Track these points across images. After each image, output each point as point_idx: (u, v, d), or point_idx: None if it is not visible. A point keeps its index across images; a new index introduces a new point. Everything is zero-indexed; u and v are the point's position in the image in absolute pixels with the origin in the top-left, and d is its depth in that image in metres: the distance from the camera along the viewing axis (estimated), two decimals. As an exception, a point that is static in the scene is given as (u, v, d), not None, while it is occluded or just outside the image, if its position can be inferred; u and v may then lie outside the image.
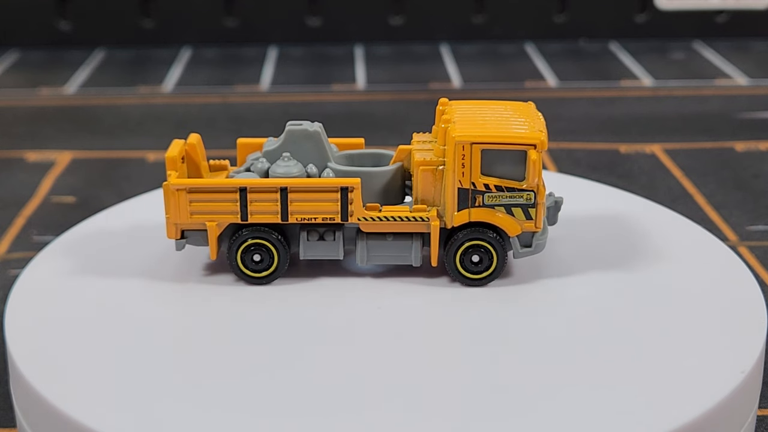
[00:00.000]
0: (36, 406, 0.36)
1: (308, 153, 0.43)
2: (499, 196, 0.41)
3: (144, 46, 1.09)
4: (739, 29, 1.11)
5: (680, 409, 0.34)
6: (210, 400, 0.35)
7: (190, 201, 0.42)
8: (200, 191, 0.41)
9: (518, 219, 0.41)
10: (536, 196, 0.41)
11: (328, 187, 0.41)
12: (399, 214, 0.41)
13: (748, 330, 0.39)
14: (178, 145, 0.44)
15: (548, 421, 0.33)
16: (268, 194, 0.41)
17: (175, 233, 0.42)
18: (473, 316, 0.40)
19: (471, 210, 0.41)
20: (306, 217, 0.41)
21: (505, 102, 0.44)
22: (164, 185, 0.42)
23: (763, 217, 0.67)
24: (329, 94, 0.94)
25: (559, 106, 0.90)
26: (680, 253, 0.45)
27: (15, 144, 0.82)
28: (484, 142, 0.40)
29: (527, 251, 0.42)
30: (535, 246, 0.42)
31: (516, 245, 0.42)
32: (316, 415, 0.34)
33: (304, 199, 0.41)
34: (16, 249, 0.63)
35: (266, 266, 0.42)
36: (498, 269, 0.42)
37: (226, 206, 0.41)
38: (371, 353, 0.37)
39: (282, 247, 0.42)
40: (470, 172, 0.40)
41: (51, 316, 0.40)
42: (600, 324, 0.39)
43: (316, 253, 0.42)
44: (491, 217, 0.41)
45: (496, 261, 0.42)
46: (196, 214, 0.42)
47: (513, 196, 0.41)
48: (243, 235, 0.42)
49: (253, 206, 0.41)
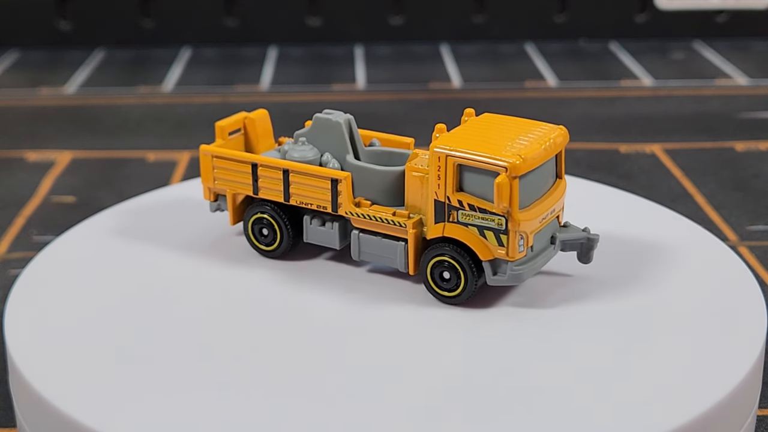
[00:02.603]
0: (36, 406, 0.36)
1: (330, 142, 0.43)
2: (472, 215, 0.39)
3: (144, 46, 1.09)
4: (739, 29, 1.11)
5: (680, 408, 0.34)
6: (210, 400, 0.35)
7: (213, 167, 0.44)
8: (222, 159, 0.44)
9: (490, 243, 0.39)
10: (507, 223, 0.38)
11: (320, 176, 0.42)
12: (381, 215, 0.41)
13: (748, 330, 0.39)
14: (234, 117, 0.46)
15: (548, 420, 0.33)
16: (274, 173, 0.43)
17: (209, 195, 0.45)
18: (460, 312, 0.40)
19: (446, 224, 0.40)
20: (304, 202, 0.43)
21: (536, 123, 0.41)
22: (199, 148, 0.45)
23: (763, 217, 0.67)
24: (329, 94, 0.94)
25: (559, 106, 0.90)
26: (680, 253, 0.45)
27: (15, 144, 0.82)
28: (459, 157, 0.39)
29: (499, 279, 0.39)
30: (508, 275, 0.39)
31: (488, 271, 0.39)
32: (317, 419, 0.34)
33: (302, 183, 0.42)
34: (16, 249, 0.63)
35: (271, 241, 0.44)
36: (466, 291, 0.40)
37: (242, 178, 0.44)
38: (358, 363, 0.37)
39: (284, 226, 0.43)
40: (445, 186, 0.39)
41: (51, 316, 0.40)
42: (599, 324, 0.39)
43: (316, 239, 0.43)
44: (464, 236, 0.39)
45: (463, 282, 0.40)
46: (219, 180, 0.45)
47: (485, 218, 0.39)
48: (253, 208, 0.44)
49: (262, 182, 0.43)
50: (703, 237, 0.47)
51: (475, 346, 0.38)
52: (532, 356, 0.37)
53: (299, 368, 0.36)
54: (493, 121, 0.42)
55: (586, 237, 0.41)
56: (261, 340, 0.38)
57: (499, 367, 0.37)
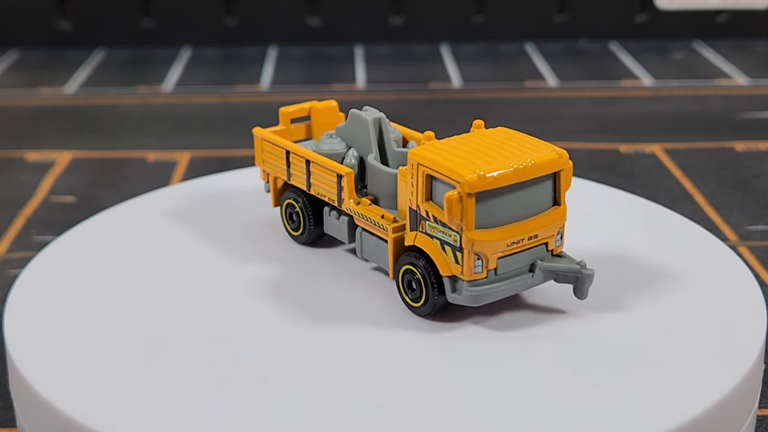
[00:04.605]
0: (36, 406, 0.36)
1: (359, 139, 0.44)
2: (435, 227, 0.38)
3: (144, 46, 1.09)
4: (739, 29, 1.11)
5: (680, 408, 0.34)
6: (210, 401, 0.35)
7: (261, 149, 0.46)
8: (267, 142, 0.45)
9: (449, 259, 0.38)
10: (461, 240, 0.37)
11: (328, 169, 0.42)
12: (371, 215, 0.41)
13: (748, 330, 0.39)
14: (300, 105, 0.47)
15: (548, 420, 0.33)
16: (300, 161, 0.44)
17: (264, 176, 0.47)
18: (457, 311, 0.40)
19: (417, 234, 0.39)
20: (320, 193, 0.43)
21: (538, 143, 0.39)
22: (253, 130, 0.47)
23: (763, 217, 0.67)
24: (329, 94, 0.94)
25: (559, 106, 0.90)
26: (680, 253, 0.45)
27: (15, 144, 0.82)
28: (426, 166, 0.38)
29: (456, 297, 0.38)
30: (464, 295, 0.38)
31: (448, 287, 0.38)
32: (317, 420, 0.34)
33: (318, 174, 0.43)
34: (16, 249, 0.63)
35: (297, 227, 0.45)
36: (427, 304, 0.39)
37: (280, 163, 0.45)
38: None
39: (307, 214, 0.44)
40: (416, 194, 0.38)
41: (51, 316, 0.40)
42: (599, 324, 0.39)
43: (332, 231, 0.44)
44: (430, 248, 0.38)
45: (424, 294, 0.39)
46: (265, 163, 0.46)
47: (445, 232, 0.37)
48: (287, 193, 0.45)
49: (293, 169, 0.44)
50: (703, 237, 0.47)
51: (465, 341, 0.38)
52: (529, 355, 0.37)
53: (302, 373, 0.36)
54: (494, 135, 0.40)
55: (578, 270, 0.38)
56: (262, 340, 0.38)
57: (494, 364, 0.37)
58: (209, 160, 0.77)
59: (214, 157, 0.78)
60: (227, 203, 0.50)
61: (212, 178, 0.54)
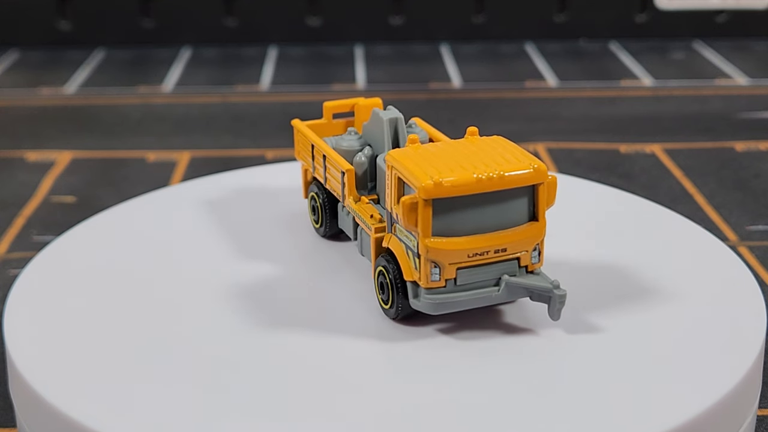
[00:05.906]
0: (36, 406, 0.36)
1: (376, 137, 0.44)
2: (402, 231, 0.37)
3: (144, 46, 1.09)
4: (739, 29, 1.11)
5: (680, 408, 0.34)
6: (211, 402, 0.35)
7: (297, 141, 0.47)
8: (299, 134, 0.46)
9: (412, 264, 0.37)
10: (419, 247, 0.36)
11: (334, 165, 0.43)
12: (361, 212, 0.41)
13: (748, 330, 0.39)
14: (344, 101, 0.48)
15: (548, 420, 0.33)
16: (320, 155, 0.44)
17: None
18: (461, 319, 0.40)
19: (392, 236, 0.38)
20: (332, 187, 0.43)
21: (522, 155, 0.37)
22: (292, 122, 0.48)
23: (763, 217, 0.67)
24: (329, 94, 0.94)
25: (559, 106, 0.90)
26: (680, 253, 0.45)
27: (15, 144, 0.82)
28: (397, 169, 0.37)
29: (416, 304, 0.37)
30: (422, 302, 0.37)
31: (410, 292, 0.37)
32: (317, 420, 0.34)
33: (331, 168, 0.43)
34: (16, 249, 0.63)
35: (317, 219, 0.46)
36: (393, 308, 0.38)
37: (308, 155, 0.45)
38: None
39: (324, 208, 0.45)
40: (391, 196, 0.38)
41: (51, 316, 0.40)
42: (599, 324, 0.39)
43: (342, 226, 0.44)
44: (398, 251, 0.38)
45: (391, 297, 0.38)
46: (298, 153, 0.47)
47: (408, 237, 0.37)
48: (312, 185, 0.46)
49: (316, 163, 0.45)
50: (703, 237, 0.47)
51: (461, 343, 0.38)
52: (528, 354, 0.37)
53: (302, 374, 0.36)
54: (482, 144, 0.38)
55: (550, 290, 0.37)
56: (262, 341, 0.38)
57: (492, 364, 0.37)
58: (209, 160, 0.77)
59: (214, 157, 0.78)
60: (227, 203, 0.50)
61: (212, 179, 0.54)
